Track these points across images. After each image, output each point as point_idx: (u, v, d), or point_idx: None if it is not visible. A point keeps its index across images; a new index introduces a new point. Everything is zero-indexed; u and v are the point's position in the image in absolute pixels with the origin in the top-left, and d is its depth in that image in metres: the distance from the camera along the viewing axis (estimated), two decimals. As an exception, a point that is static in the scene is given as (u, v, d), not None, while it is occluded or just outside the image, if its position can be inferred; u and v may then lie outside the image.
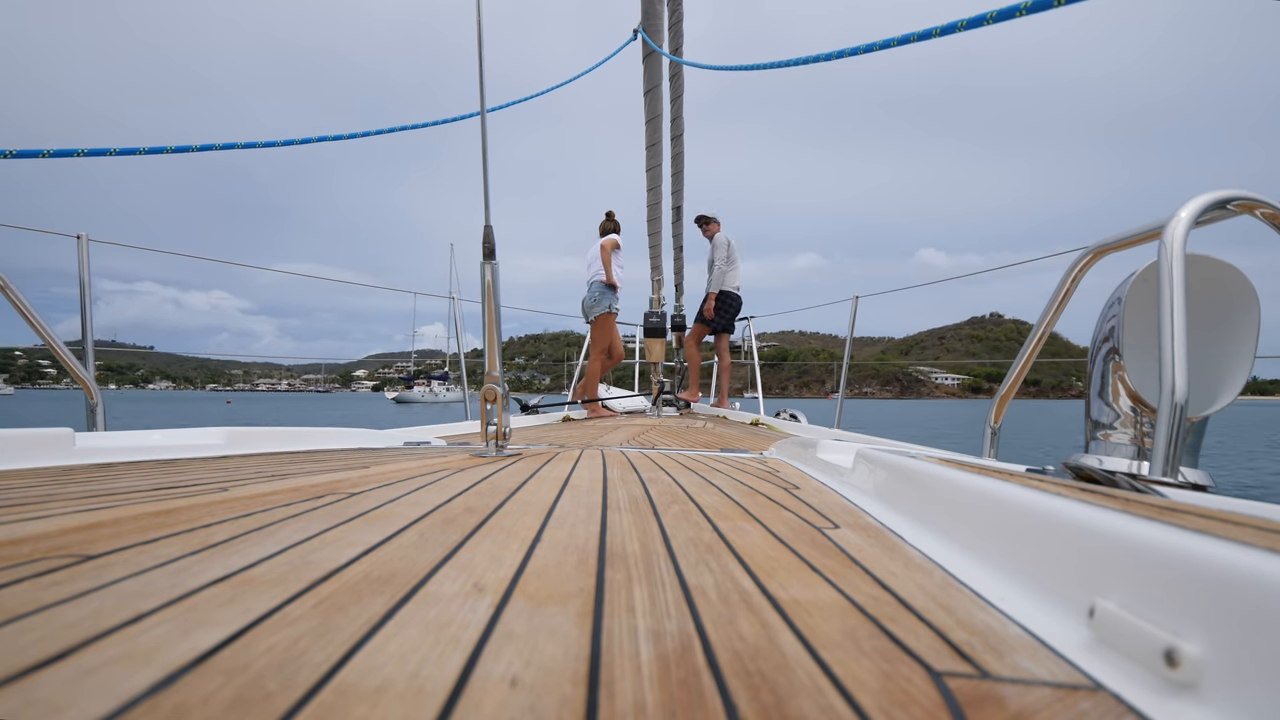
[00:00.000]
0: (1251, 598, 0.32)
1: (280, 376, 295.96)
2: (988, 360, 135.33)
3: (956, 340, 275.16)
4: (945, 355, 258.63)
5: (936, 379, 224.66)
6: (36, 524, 0.66)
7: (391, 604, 0.44)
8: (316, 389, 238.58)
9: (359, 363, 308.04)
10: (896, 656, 0.38)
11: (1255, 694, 0.31)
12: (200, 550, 0.57)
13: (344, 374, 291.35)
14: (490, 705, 0.30)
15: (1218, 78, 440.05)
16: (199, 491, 0.92)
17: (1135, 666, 0.37)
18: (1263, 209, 1.05)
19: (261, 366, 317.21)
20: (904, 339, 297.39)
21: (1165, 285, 1.00)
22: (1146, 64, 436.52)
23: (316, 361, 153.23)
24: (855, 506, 0.96)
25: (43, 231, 2.95)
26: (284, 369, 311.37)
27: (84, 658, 0.33)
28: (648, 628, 0.42)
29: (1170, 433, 0.97)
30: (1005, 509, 0.60)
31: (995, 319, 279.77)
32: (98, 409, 2.47)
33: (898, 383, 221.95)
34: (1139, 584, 0.40)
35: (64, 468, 1.24)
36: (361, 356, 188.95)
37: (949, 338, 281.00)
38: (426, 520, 0.76)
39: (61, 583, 0.46)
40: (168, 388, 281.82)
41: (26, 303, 2.26)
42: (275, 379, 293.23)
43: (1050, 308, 1.48)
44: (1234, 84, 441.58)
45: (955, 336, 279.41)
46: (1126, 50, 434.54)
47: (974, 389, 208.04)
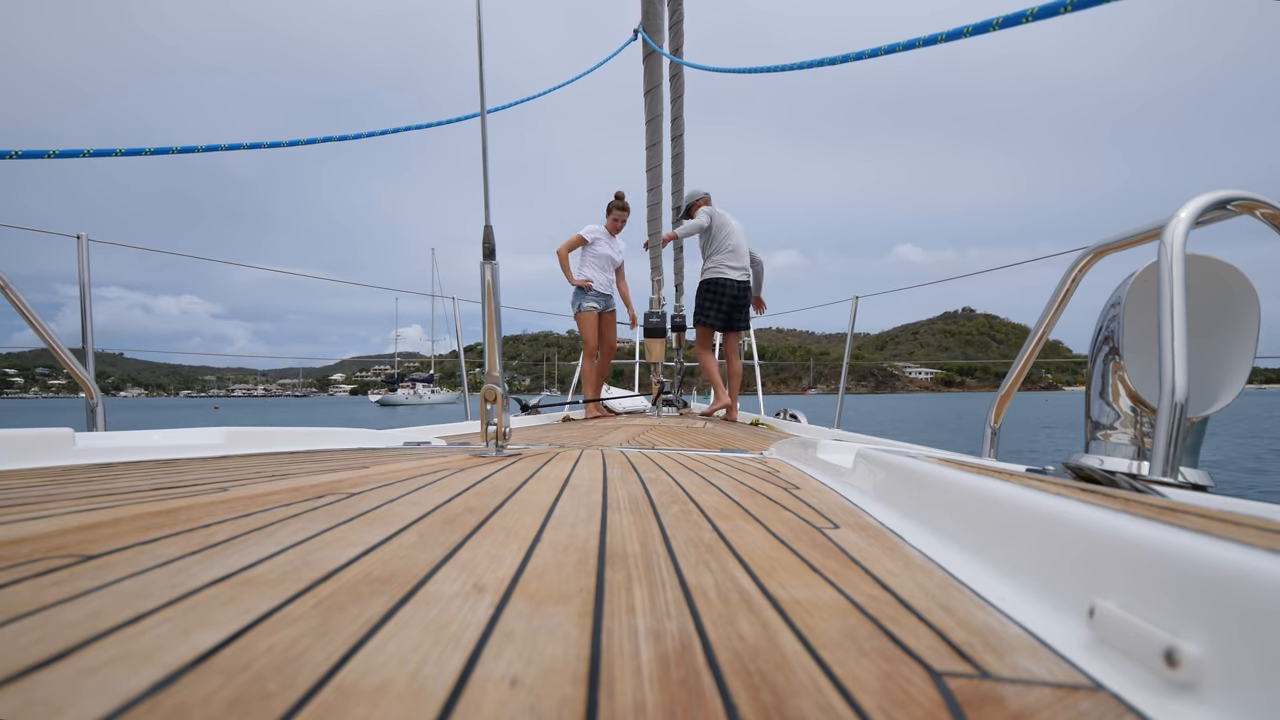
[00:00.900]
0: (1251, 597, 0.32)
1: (256, 382, 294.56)
2: (960, 355, 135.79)
3: (930, 335, 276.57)
4: (919, 350, 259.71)
5: (910, 373, 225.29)
6: (36, 524, 0.66)
7: (392, 604, 0.44)
8: (294, 394, 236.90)
9: (335, 366, 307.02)
10: (896, 656, 0.38)
11: (1255, 694, 0.31)
12: (200, 550, 0.57)
13: (320, 378, 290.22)
14: (490, 705, 0.30)
15: (1206, 72, 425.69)
16: (199, 491, 0.92)
17: (1135, 666, 0.37)
18: (1263, 209, 1.05)
19: (235, 371, 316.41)
20: (879, 334, 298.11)
21: (1165, 285, 1.00)
22: (1128, 61, 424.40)
23: (293, 365, 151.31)
24: (855, 506, 0.96)
25: (43, 232, 2.95)
26: (259, 374, 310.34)
27: (84, 658, 0.33)
28: (648, 628, 0.42)
29: (1170, 433, 0.97)
30: (1005, 509, 0.60)
31: (967, 314, 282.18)
32: (98, 409, 2.48)
33: (873, 377, 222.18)
34: (1139, 584, 0.40)
35: (64, 468, 1.24)
36: (337, 360, 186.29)
37: (923, 332, 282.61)
38: (426, 520, 0.76)
39: (61, 583, 0.46)
40: (139, 395, 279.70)
41: (27, 303, 2.27)
42: (251, 384, 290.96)
43: (1050, 308, 1.48)
44: (1222, 79, 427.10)
45: (929, 331, 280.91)
46: (1108, 47, 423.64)
47: (946, 382, 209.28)
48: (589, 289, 5.05)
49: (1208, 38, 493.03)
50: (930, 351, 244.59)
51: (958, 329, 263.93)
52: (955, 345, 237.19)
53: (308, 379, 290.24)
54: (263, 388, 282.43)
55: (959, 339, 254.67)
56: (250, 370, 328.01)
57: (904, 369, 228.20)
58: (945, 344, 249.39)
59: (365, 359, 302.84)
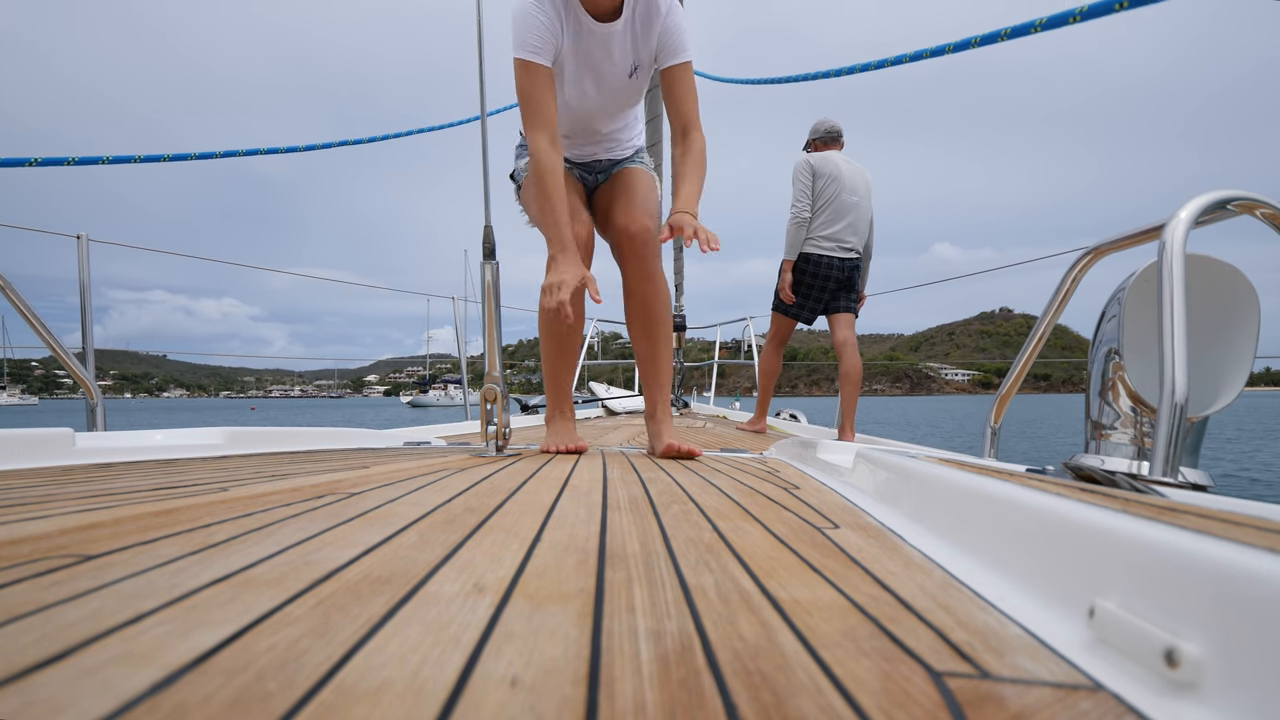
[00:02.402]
0: (1252, 597, 0.32)
1: (292, 383, 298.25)
2: (998, 356, 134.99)
3: (966, 336, 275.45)
4: (955, 351, 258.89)
5: (946, 375, 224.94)
6: (36, 524, 0.66)
7: (392, 604, 0.44)
8: (329, 395, 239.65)
9: (369, 367, 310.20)
10: (896, 656, 0.38)
11: (1255, 694, 0.31)
12: (200, 550, 0.57)
13: (355, 379, 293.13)
14: (490, 705, 0.30)
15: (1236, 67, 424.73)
16: (199, 491, 0.92)
17: (1135, 666, 0.37)
18: (1263, 209, 1.05)
19: (273, 373, 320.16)
20: (913, 335, 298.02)
21: (1165, 285, 1.01)
22: (1177, 52, 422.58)
23: (329, 367, 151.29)
24: (855, 506, 0.97)
25: (42, 231, 2.95)
26: (295, 375, 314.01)
27: (84, 658, 0.33)
28: (648, 628, 0.42)
29: (1170, 433, 0.97)
30: (1005, 509, 0.60)
31: (1005, 314, 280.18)
32: (97, 409, 2.48)
33: (908, 379, 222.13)
34: (1139, 584, 0.40)
35: (64, 468, 1.25)
36: (371, 361, 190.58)
37: (959, 333, 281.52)
38: (426, 520, 0.76)
39: (61, 582, 0.46)
40: (181, 395, 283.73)
41: (29, 306, 2.27)
42: (288, 385, 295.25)
43: (1050, 307, 1.49)
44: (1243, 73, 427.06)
45: (965, 332, 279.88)
46: (1158, 40, 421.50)
47: (984, 384, 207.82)
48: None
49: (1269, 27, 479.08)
50: (967, 353, 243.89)
51: (995, 329, 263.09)
52: (992, 346, 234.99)
53: (342, 380, 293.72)
54: (299, 389, 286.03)
55: (996, 340, 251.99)
56: (287, 371, 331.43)
57: (939, 370, 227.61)
58: (982, 345, 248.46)
59: (399, 360, 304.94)
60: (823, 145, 3.65)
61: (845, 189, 3.46)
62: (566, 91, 1.87)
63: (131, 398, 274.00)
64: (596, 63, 1.83)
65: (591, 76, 1.85)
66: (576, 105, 1.92)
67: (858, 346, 3.62)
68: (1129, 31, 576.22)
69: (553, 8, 1.72)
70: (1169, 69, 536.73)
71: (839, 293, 3.55)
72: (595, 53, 1.81)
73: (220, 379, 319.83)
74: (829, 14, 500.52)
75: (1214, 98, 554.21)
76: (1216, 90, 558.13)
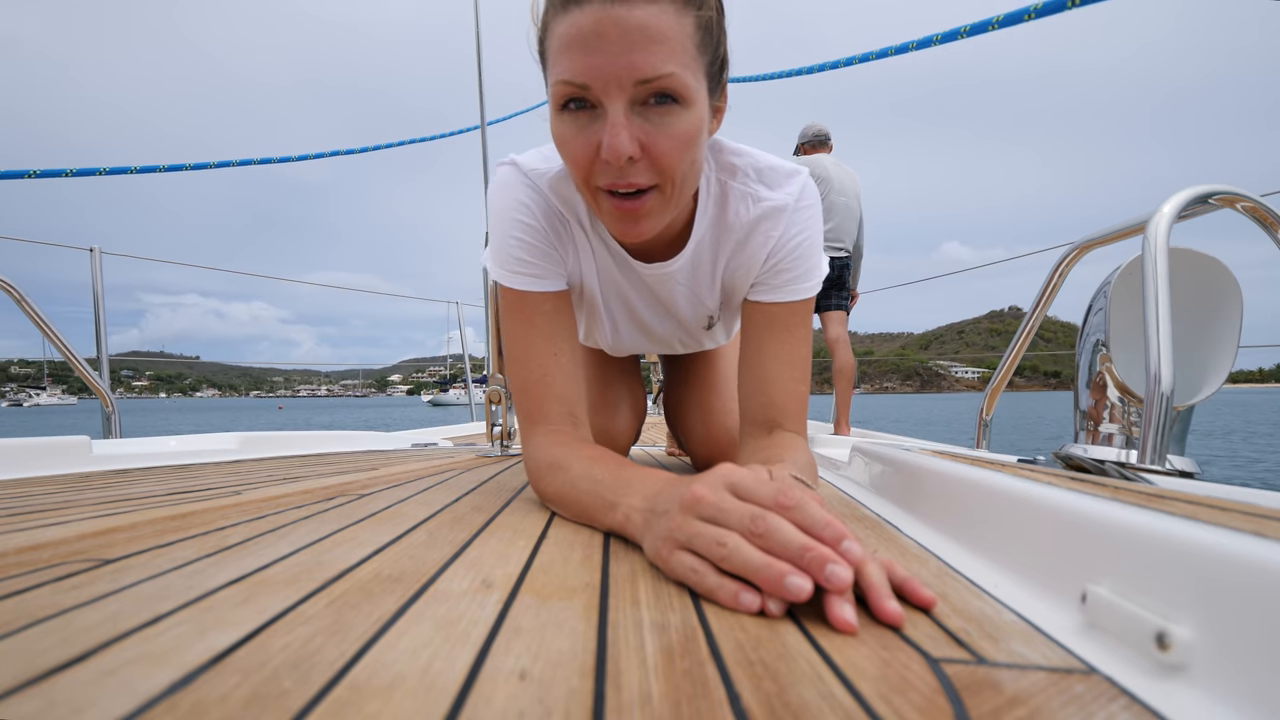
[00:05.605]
0: (1238, 580, 0.33)
1: (320, 383, 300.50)
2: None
3: (976, 334, 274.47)
4: (965, 349, 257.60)
5: (956, 372, 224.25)
6: (55, 529, 0.68)
7: (402, 602, 0.45)
8: (355, 394, 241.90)
9: (393, 368, 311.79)
10: (894, 644, 0.39)
11: (1243, 674, 0.31)
12: (215, 553, 0.58)
13: (379, 379, 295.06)
14: (501, 698, 0.31)
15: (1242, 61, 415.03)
16: (213, 495, 0.93)
17: (1127, 649, 0.38)
18: (1243, 203, 1.06)
19: (301, 373, 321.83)
20: (923, 334, 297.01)
21: (1150, 278, 1.02)
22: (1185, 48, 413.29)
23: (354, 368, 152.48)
24: (851, 499, 0.97)
25: (57, 245, 2.98)
26: (322, 375, 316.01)
27: (104, 659, 0.34)
28: (652, 620, 0.43)
29: (1157, 422, 0.98)
30: (998, 499, 0.61)
31: (1014, 312, 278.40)
32: (113, 417, 2.50)
33: (918, 377, 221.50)
34: (1129, 569, 0.41)
35: (81, 474, 1.26)
36: (395, 361, 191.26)
37: (968, 331, 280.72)
38: (435, 520, 0.77)
39: (80, 586, 0.47)
40: (213, 395, 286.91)
41: (43, 315, 2.28)
42: (315, 385, 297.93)
43: (1038, 303, 1.50)
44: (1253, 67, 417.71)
45: (975, 330, 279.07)
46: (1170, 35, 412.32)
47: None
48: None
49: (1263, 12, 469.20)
50: (976, 350, 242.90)
51: (1004, 327, 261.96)
52: (1002, 344, 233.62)
53: (367, 380, 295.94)
54: (325, 388, 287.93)
55: (1005, 337, 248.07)
56: (314, 372, 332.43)
57: (949, 368, 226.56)
58: (991, 343, 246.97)
59: (421, 361, 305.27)
60: (811, 149, 3.81)
61: (834, 190, 3.58)
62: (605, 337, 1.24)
63: (166, 397, 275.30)
64: (642, 315, 1.18)
65: (635, 324, 1.21)
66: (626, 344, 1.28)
67: (849, 343, 3.73)
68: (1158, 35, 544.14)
69: (552, 230, 0.99)
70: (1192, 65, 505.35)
71: (830, 291, 3.66)
72: (640, 299, 1.14)
73: (250, 379, 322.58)
74: (829, 14, 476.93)
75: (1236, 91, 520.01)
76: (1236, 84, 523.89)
